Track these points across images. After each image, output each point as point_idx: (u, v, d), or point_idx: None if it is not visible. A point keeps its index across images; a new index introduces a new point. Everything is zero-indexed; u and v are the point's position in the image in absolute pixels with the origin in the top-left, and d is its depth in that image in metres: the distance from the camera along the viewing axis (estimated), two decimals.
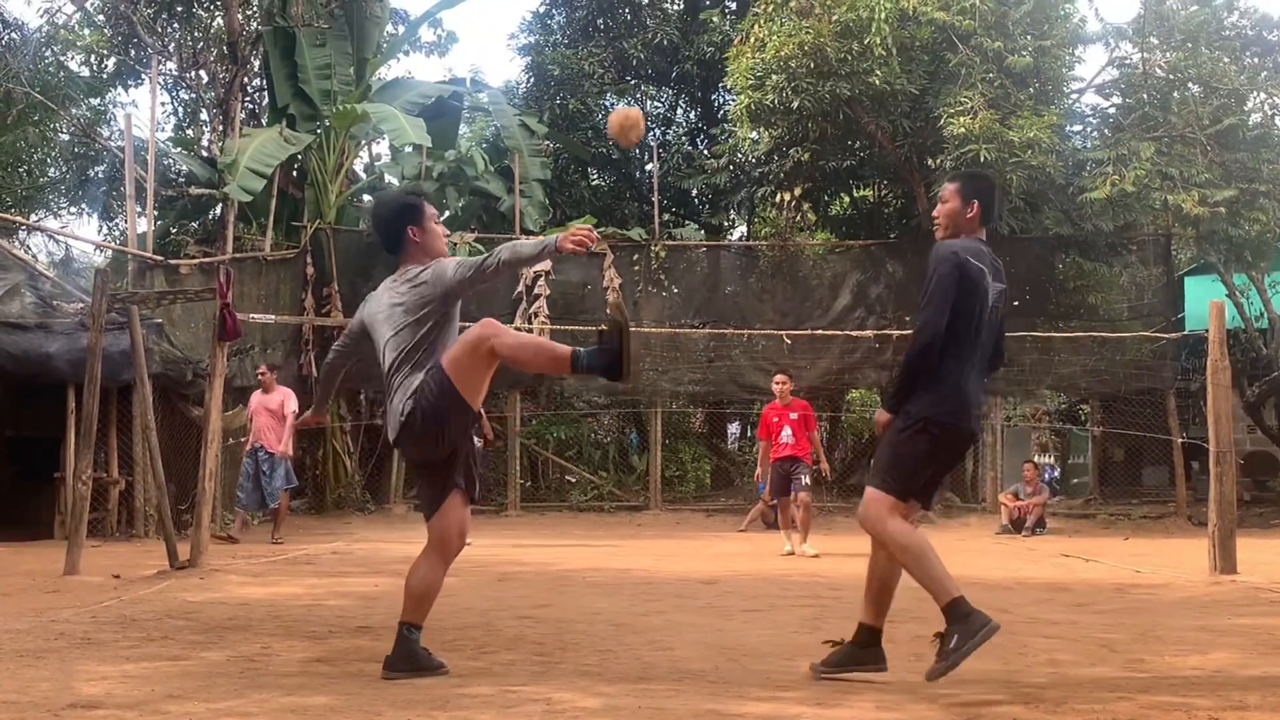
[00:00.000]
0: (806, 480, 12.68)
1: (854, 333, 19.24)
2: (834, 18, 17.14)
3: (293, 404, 13.66)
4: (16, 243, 22.68)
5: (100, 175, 24.88)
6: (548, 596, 8.45)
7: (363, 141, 22.31)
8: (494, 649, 5.98)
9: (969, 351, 5.14)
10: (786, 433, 12.73)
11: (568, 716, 4.32)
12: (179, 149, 23.53)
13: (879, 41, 16.74)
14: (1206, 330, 10.62)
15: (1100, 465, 20.03)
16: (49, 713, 4.29)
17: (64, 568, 9.49)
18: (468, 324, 5.20)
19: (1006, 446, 19.68)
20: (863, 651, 5.20)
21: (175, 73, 24.37)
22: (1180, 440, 18.12)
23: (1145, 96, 17.74)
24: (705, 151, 23.73)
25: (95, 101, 24.81)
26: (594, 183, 25.62)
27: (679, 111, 27.72)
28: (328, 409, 6.24)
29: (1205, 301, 11.60)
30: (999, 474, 18.97)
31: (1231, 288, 19.31)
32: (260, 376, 13.97)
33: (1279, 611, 7.71)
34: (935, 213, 5.62)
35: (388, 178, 22.22)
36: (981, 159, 16.48)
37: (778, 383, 13.07)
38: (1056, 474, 25.74)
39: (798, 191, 19.72)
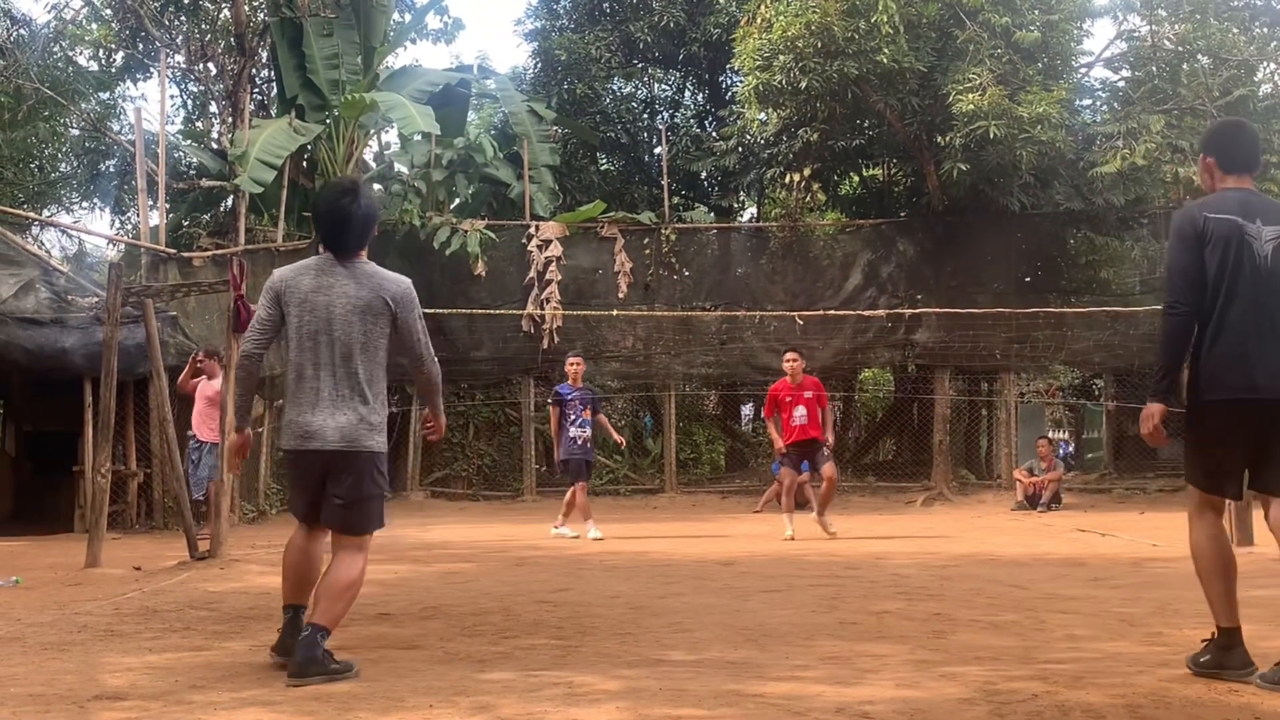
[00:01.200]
0: (828, 453, 12.56)
1: (866, 312, 19.22)
2: None
3: (211, 390, 12.92)
4: (30, 238, 22.74)
5: (111, 169, 24.93)
6: (566, 580, 8.48)
7: (372, 131, 22.28)
8: (514, 634, 6.02)
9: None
10: (800, 412, 12.52)
11: (589, 700, 4.35)
12: (189, 142, 23.55)
13: (886, 19, 16.68)
14: None
15: (1115, 440, 20.00)
16: (75, 704, 4.33)
17: (85, 560, 9.56)
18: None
19: (1020, 423, 19.66)
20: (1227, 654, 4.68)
21: (183, 65, 24.38)
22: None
23: (1154, 69, 17.67)
24: (714, 134, 23.68)
25: (104, 96, 24.85)
26: (603, 167, 25.59)
27: (687, 94, 27.66)
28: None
29: None
30: (1013, 450, 18.96)
31: None
32: (199, 364, 13.20)
33: None
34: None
35: (397, 166, 22.20)
36: (991, 135, 16.44)
37: (789, 360, 12.97)
38: (1071, 449, 25.72)
39: (807, 172, 19.68)
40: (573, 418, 12.46)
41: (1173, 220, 4.79)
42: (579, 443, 12.47)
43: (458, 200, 21.38)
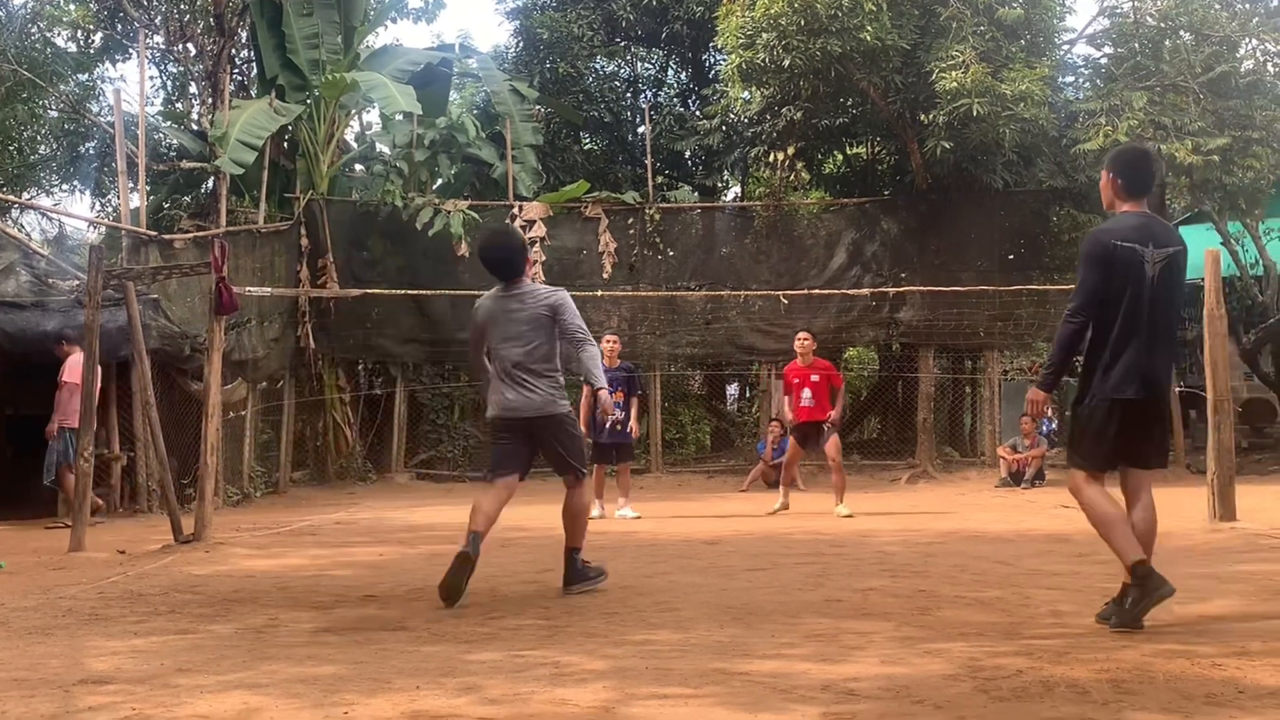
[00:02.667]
0: (828, 430, 12.53)
1: (850, 291, 19.22)
2: None
3: (69, 375, 12.60)
4: (10, 221, 22.60)
5: (91, 151, 24.75)
6: (552, 561, 8.47)
7: (353, 111, 22.18)
8: (500, 614, 6.02)
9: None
10: (806, 394, 12.58)
11: (576, 679, 4.35)
12: (169, 123, 23.41)
13: None
14: (1202, 279, 10.62)
15: None
16: (60, 689, 4.32)
17: (69, 544, 9.54)
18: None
19: (1004, 400, 19.71)
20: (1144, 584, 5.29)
21: (163, 46, 24.22)
22: (1178, 389, 18.14)
23: (1137, 46, 17.65)
24: (697, 112, 23.62)
25: (83, 77, 24.64)
26: (586, 147, 25.50)
27: (670, 73, 27.56)
28: None
29: (1200, 250, 11.56)
30: (997, 427, 19.02)
31: (1226, 236, 19.27)
32: (60, 352, 12.80)
33: (1279, 558, 7.76)
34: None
35: (379, 146, 22.11)
36: (974, 113, 16.43)
37: (799, 341, 12.93)
38: (1054, 426, 25.78)
39: (791, 150, 19.64)
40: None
41: (1084, 243, 5.53)
42: (608, 426, 11.99)
43: (440, 181, 21.30)
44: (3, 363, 14.03)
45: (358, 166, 22.69)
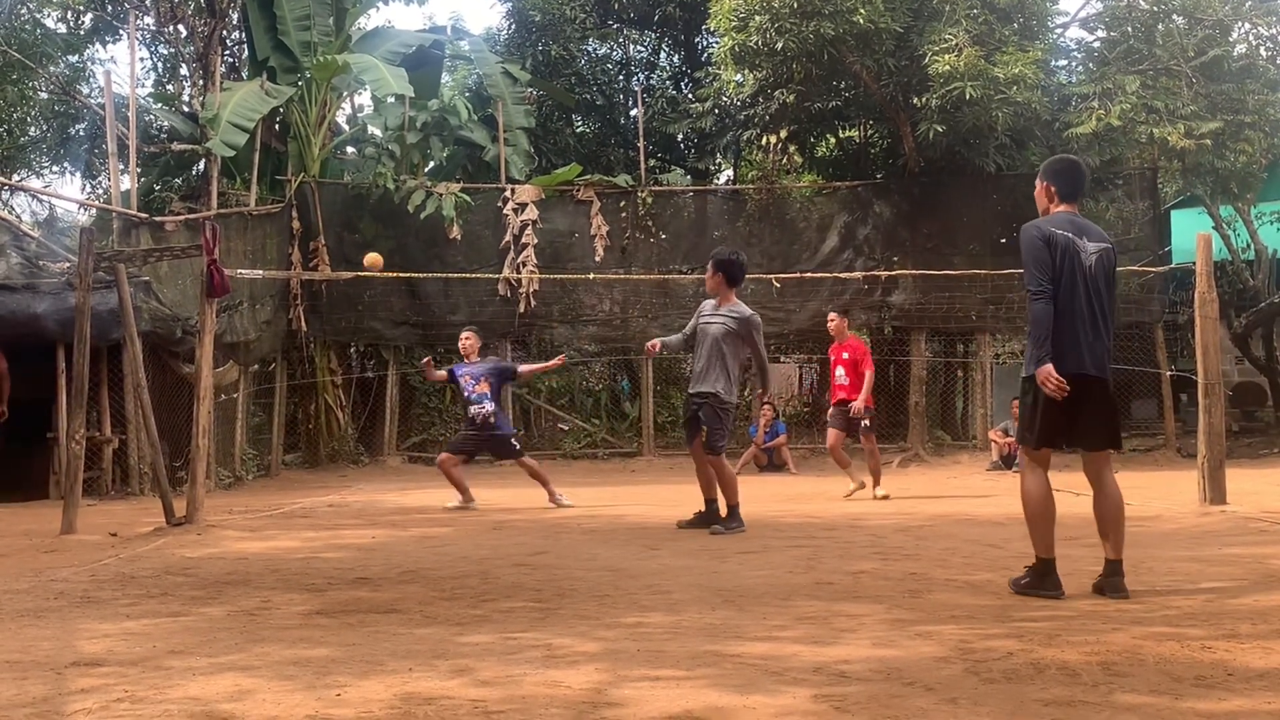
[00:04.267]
0: (866, 424, 12.61)
1: (842, 274, 19.21)
2: None
3: None
4: (0, 203, 22.55)
5: (81, 133, 24.65)
6: (543, 544, 8.49)
7: (344, 93, 22.09)
8: (492, 597, 6.02)
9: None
10: (840, 373, 12.75)
11: (568, 661, 4.36)
12: (160, 105, 23.31)
13: None
14: (1193, 263, 10.64)
15: None
16: (52, 671, 4.32)
17: (61, 527, 9.52)
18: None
19: (996, 384, 19.74)
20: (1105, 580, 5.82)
21: (153, 27, 24.09)
22: (1169, 373, 18.19)
23: (1130, 29, 17.65)
24: (690, 95, 23.56)
25: (74, 59, 24.53)
26: (579, 130, 25.45)
27: (662, 55, 27.49)
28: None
29: (1192, 234, 11.61)
30: (989, 411, 19.05)
31: (1218, 220, 19.34)
32: None
33: (1269, 541, 7.79)
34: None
35: (371, 129, 22.04)
36: (967, 96, 16.42)
37: (829, 321, 13.00)
38: None
39: (783, 134, 19.63)
40: (466, 394, 12.01)
41: (1022, 232, 5.89)
42: (476, 421, 11.93)
43: (432, 163, 21.25)
44: None
45: (349, 149, 22.62)
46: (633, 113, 24.10)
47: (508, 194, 19.63)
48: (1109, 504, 5.86)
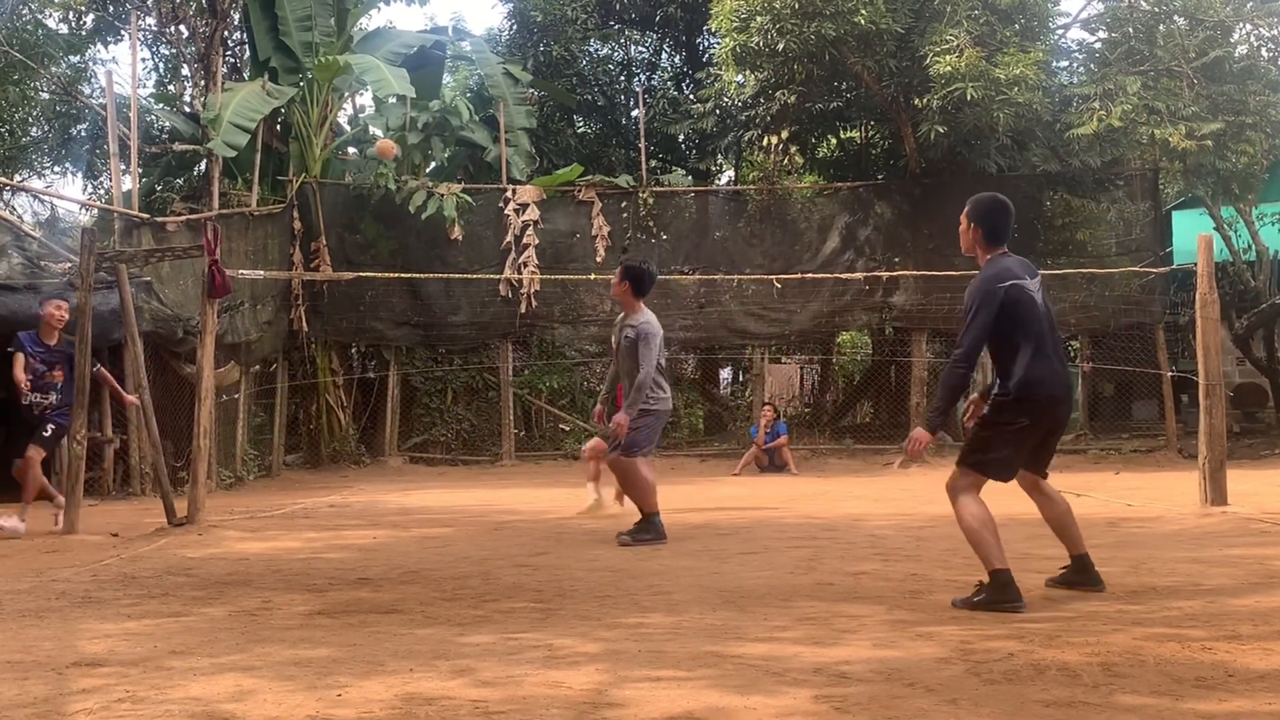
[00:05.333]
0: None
1: (843, 275, 19.20)
2: None
3: None
4: (1, 203, 22.54)
5: (83, 134, 24.65)
6: (544, 545, 8.50)
7: (346, 94, 22.10)
8: (493, 598, 6.03)
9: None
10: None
11: (569, 662, 4.36)
12: (161, 105, 23.32)
13: None
14: (1195, 264, 10.63)
15: (1090, 400, 20.09)
16: (53, 671, 4.32)
17: (62, 527, 9.53)
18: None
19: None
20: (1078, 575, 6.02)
21: (155, 28, 24.08)
22: (1170, 374, 18.18)
23: (1131, 30, 17.63)
24: (691, 96, 23.56)
25: (75, 59, 24.55)
26: (580, 130, 25.45)
27: (664, 56, 27.49)
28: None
29: (1193, 235, 11.59)
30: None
31: (1219, 221, 19.32)
32: None
33: (1270, 542, 7.79)
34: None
35: (372, 129, 22.03)
36: (968, 97, 16.40)
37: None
38: None
39: (784, 134, 19.62)
40: (31, 379, 10.01)
41: (981, 286, 5.79)
42: (35, 411, 10.08)
43: (433, 164, 21.26)
44: None
45: (351, 149, 22.62)
46: (634, 113, 24.11)
47: (509, 194, 19.63)
48: (1059, 508, 6.10)
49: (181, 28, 23.51)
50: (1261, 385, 20.57)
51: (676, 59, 27.04)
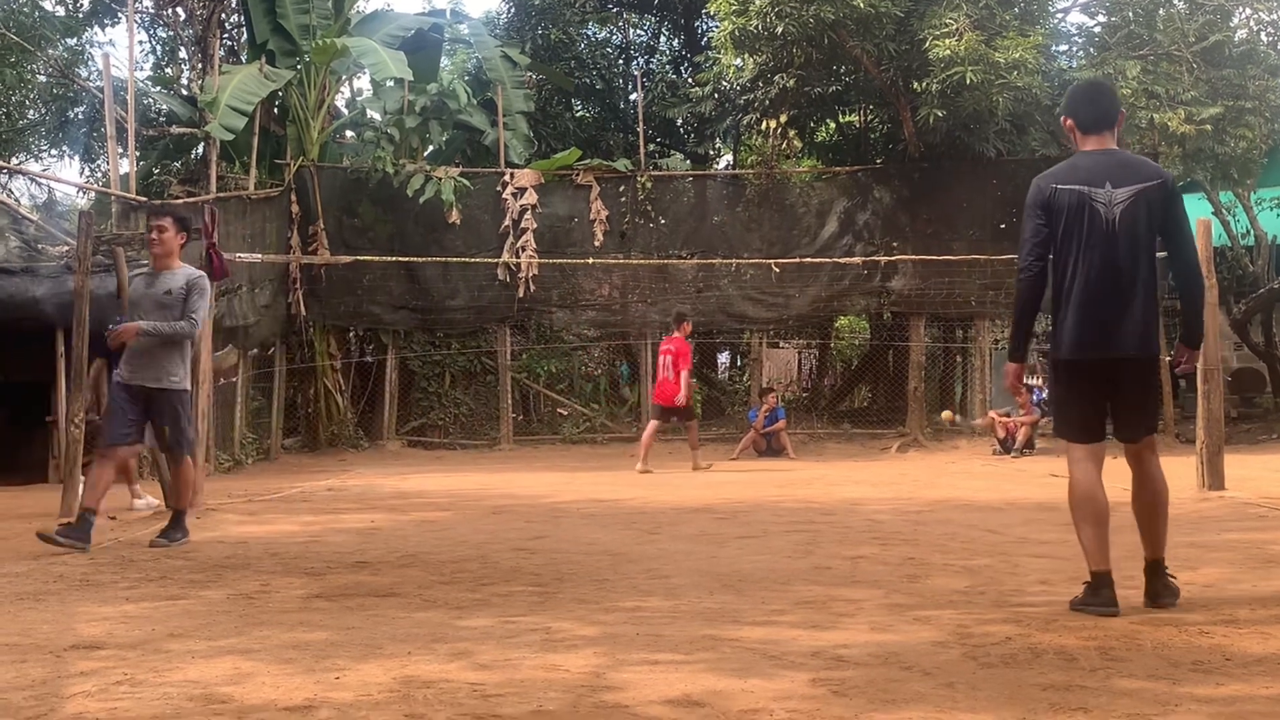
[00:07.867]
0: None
1: (842, 260, 19.20)
2: None
3: None
4: None
5: (80, 116, 24.61)
6: (543, 528, 8.50)
7: (344, 76, 22.04)
8: (491, 581, 6.03)
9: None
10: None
11: (567, 645, 4.37)
12: (159, 88, 23.27)
13: None
14: None
15: None
16: (51, 654, 4.32)
17: (60, 510, 9.53)
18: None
19: (994, 369, 19.73)
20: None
21: (152, 10, 24.04)
22: (1168, 358, 18.17)
23: (1131, 14, 17.60)
24: (690, 80, 23.52)
25: (72, 41, 24.49)
26: (578, 114, 25.41)
27: (662, 39, 27.45)
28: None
29: (1192, 220, 11.57)
30: (987, 396, 19.05)
31: (1218, 205, 19.32)
32: None
33: (1267, 527, 7.80)
34: None
35: (370, 112, 21.98)
36: (967, 81, 16.37)
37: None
38: (1045, 395, 25.85)
39: (783, 118, 19.58)
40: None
41: (1029, 193, 5.07)
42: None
43: (431, 147, 21.20)
44: None
45: (348, 133, 22.57)
46: (632, 97, 24.06)
47: (507, 178, 19.60)
48: (1145, 493, 5.18)
49: (179, 10, 23.49)
50: (1259, 370, 20.59)
51: (675, 42, 26.99)
